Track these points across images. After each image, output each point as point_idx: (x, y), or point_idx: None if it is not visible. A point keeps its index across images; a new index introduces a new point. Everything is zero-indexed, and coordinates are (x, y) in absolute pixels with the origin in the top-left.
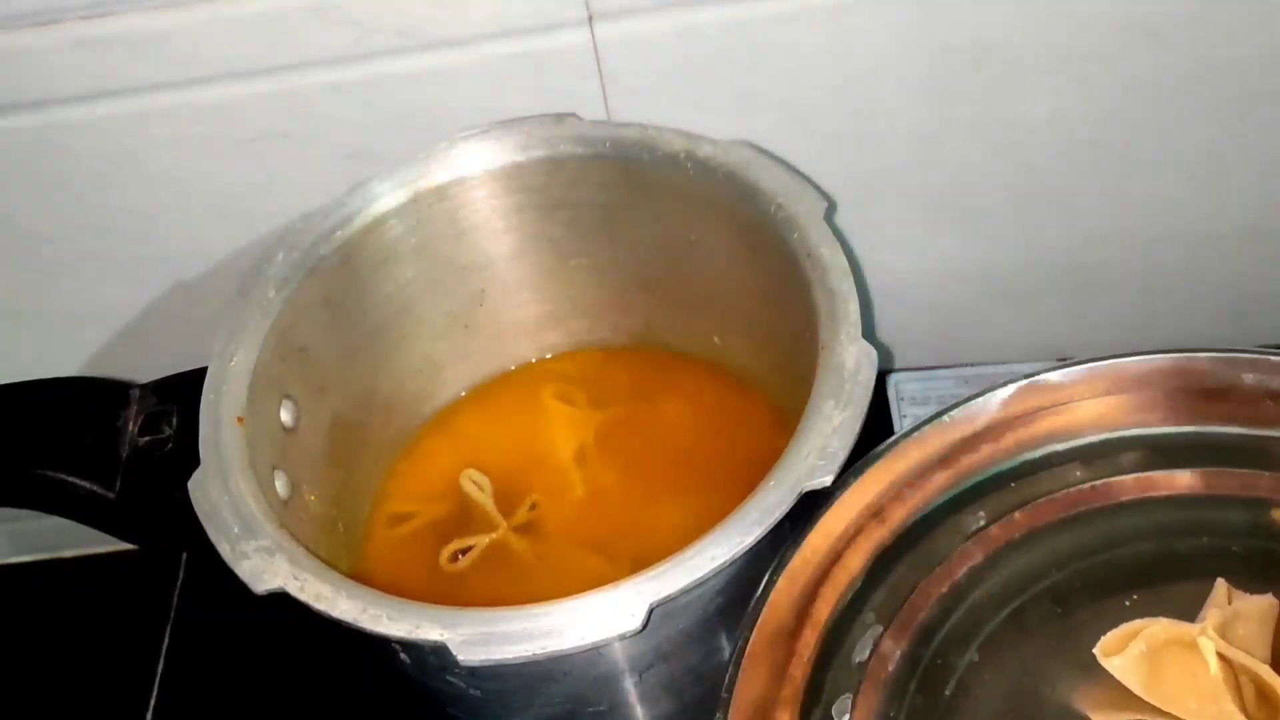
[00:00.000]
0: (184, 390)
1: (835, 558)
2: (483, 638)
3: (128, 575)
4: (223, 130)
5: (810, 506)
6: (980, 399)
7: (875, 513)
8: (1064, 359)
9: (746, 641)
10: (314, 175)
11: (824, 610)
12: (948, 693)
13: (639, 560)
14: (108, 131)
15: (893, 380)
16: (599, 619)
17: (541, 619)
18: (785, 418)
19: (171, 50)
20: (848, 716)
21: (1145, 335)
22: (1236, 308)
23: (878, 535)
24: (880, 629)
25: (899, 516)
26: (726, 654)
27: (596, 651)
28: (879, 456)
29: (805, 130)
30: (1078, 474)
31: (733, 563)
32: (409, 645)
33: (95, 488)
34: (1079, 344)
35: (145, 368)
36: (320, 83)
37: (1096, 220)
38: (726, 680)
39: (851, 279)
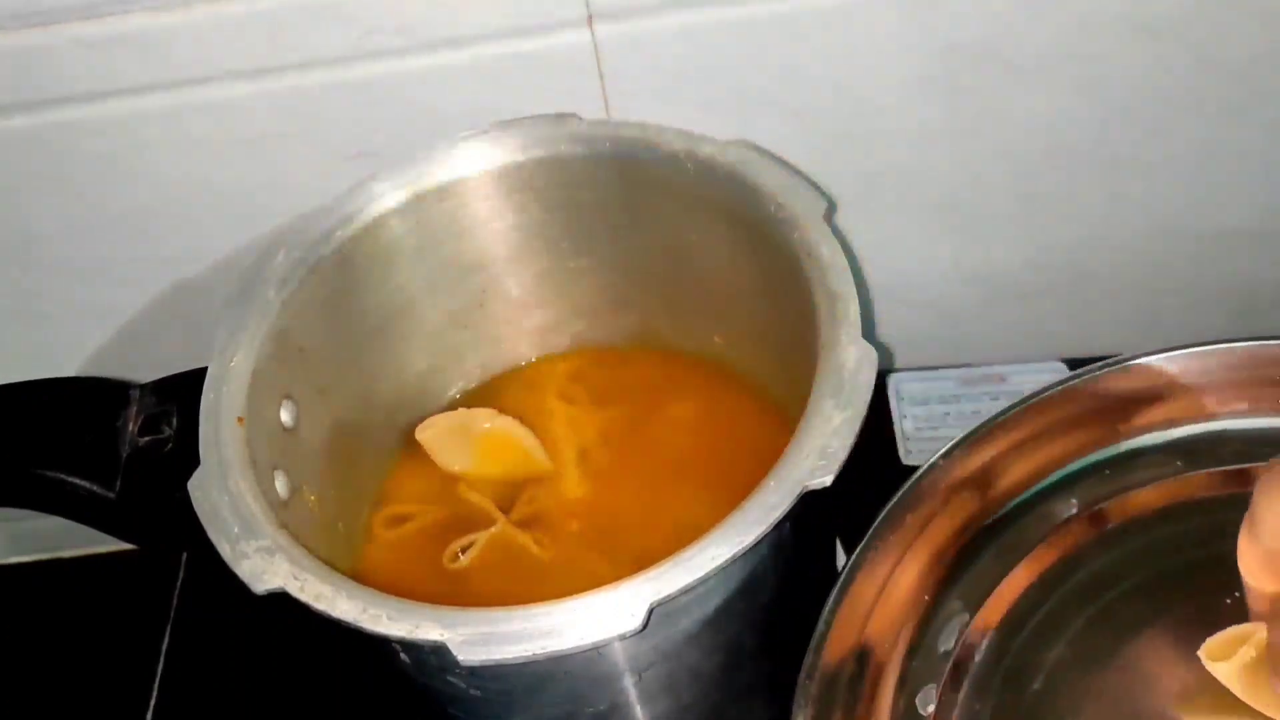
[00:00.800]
0: (184, 390)
1: (921, 542)
2: (483, 638)
3: (128, 575)
4: (223, 130)
5: (820, 506)
6: (1074, 382)
7: (965, 497)
8: (1067, 359)
9: (827, 624)
10: (314, 175)
11: (907, 597)
12: (1036, 688)
13: (639, 560)
14: (108, 131)
15: (893, 380)
16: (599, 619)
17: (541, 619)
18: (785, 418)
19: (171, 50)
20: (932, 707)
21: (1145, 335)
22: (1237, 308)
23: (966, 521)
24: (967, 617)
25: (990, 501)
26: (727, 654)
27: (596, 651)
28: (970, 440)
29: (805, 130)
30: (1177, 464)
31: (733, 562)
32: (409, 645)
33: (95, 488)
34: (1079, 344)
35: (145, 368)
36: (320, 83)
37: (1097, 220)
38: (807, 662)
39: (851, 279)
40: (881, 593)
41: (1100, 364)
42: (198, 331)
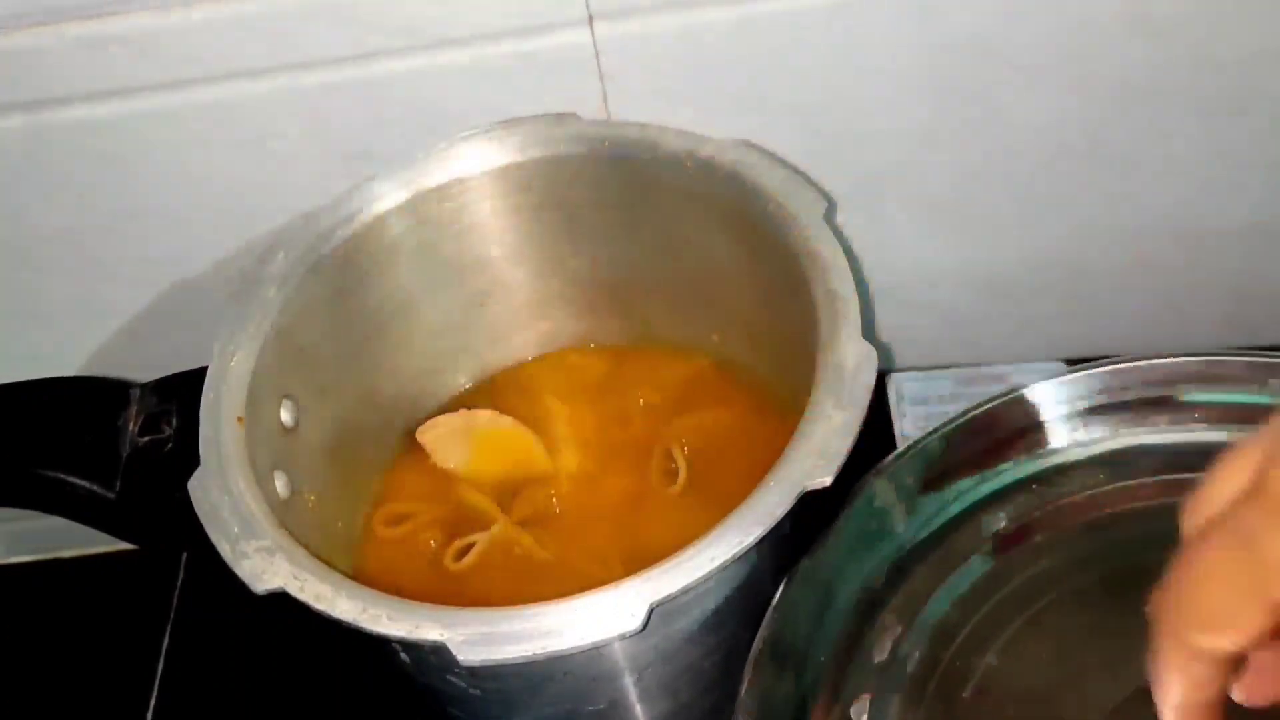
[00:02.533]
0: (184, 390)
1: (854, 557)
2: (483, 638)
3: (128, 575)
4: (223, 130)
5: (819, 506)
6: (1002, 401)
7: (895, 513)
8: (1067, 359)
9: (764, 640)
10: (314, 175)
11: (842, 610)
12: (966, 695)
13: (639, 559)
14: (108, 131)
15: (893, 380)
16: (599, 619)
17: (541, 619)
18: (785, 417)
19: (171, 50)
20: (865, 717)
21: (1145, 335)
22: (1236, 308)
23: (897, 535)
24: (900, 629)
25: (920, 516)
26: (726, 654)
27: (596, 651)
28: (902, 457)
29: (805, 130)
30: (1100, 476)
31: (733, 562)
32: (409, 645)
33: (95, 488)
34: (1079, 344)
35: (145, 368)
36: (320, 83)
37: (1096, 220)
38: (745, 679)
39: (851, 279)
40: (817, 607)
41: (1024, 384)
42: (198, 331)
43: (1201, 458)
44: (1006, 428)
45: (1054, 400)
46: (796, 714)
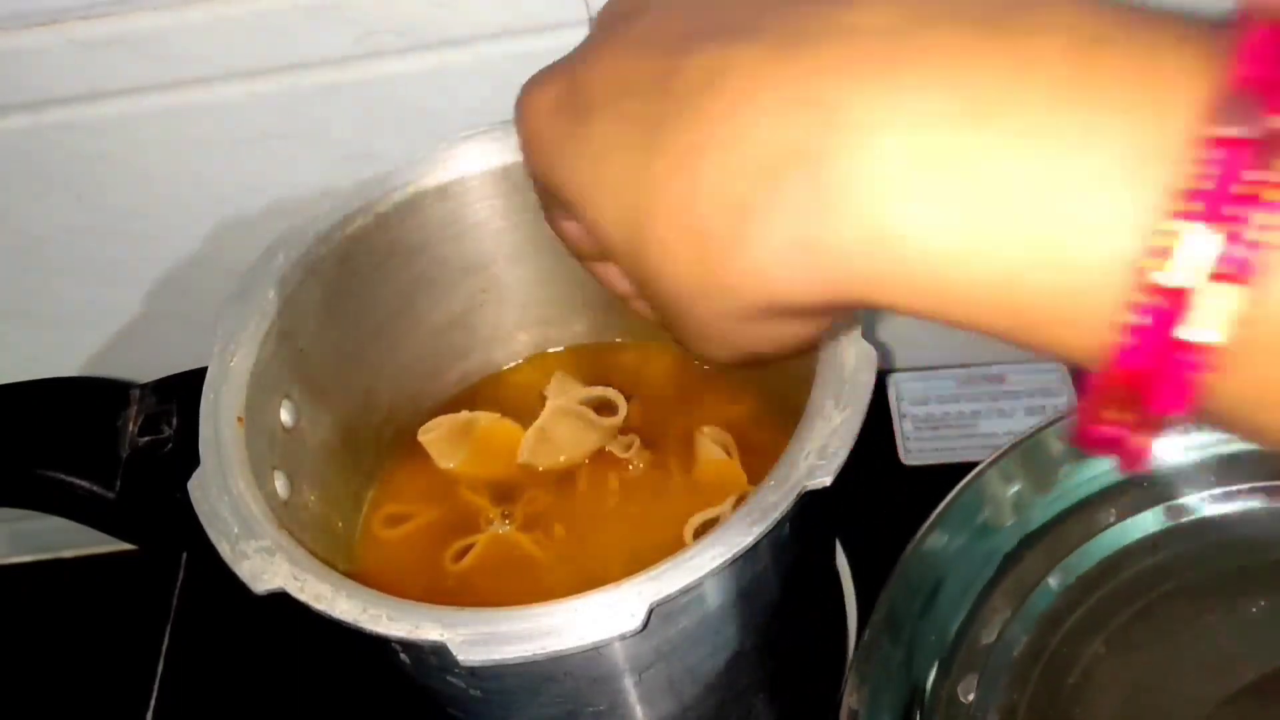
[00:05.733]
0: (184, 390)
1: (965, 545)
2: (483, 638)
3: (128, 575)
4: (223, 130)
5: (821, 505)
6: None
7: (1005, 505)
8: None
9: (879, 612)
10: (314, 175)
11: (952, 593)
12: (1071, 681)
13: (639, 560)
14: (108, 131)
15: (893, 380)
16: (599, 619)
17: (541, 619)
18: (785, 418)
19: (171, 50)
20: (973, 695)
21: None
22: None
23: (1007, 526)
24: (1008, 613)
25: (1032, 508)
26: (727, 654)
27: (596, 651)
28: (1018, 446)
29: None
30: (1211, 479)
31: (733, 562)
32: (409, 645)
33: (95, 488)
34: None
35: (145, 368)
36: (320, 83)
37: None
38: (865, 639)
39: None
40: (930, 588)
41: None
42: (198, 331)
43: None
44: None
45: None
46: (909, 689)
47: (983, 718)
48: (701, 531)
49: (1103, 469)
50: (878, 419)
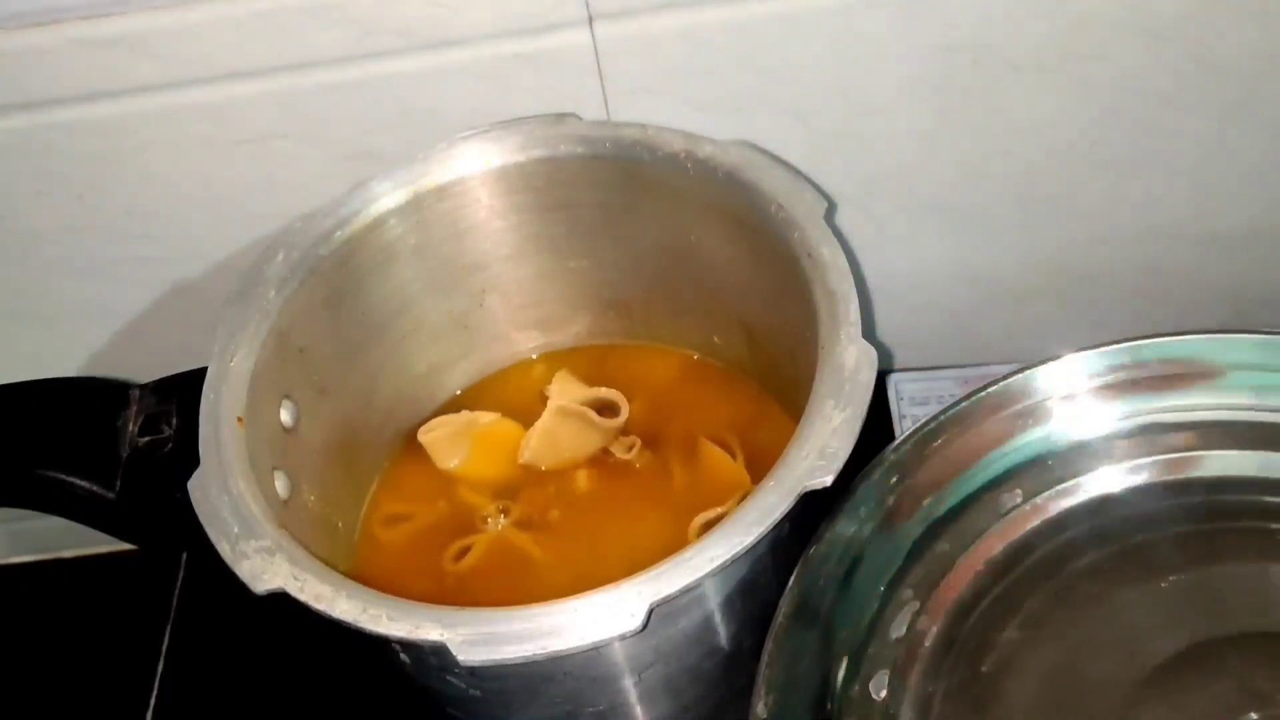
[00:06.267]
0: (184, 390)
1: (870, 535)
2: (483, 638)
3: (128, 575)
4: (223, 130)
5: (836, 489)
6: (1017, 378)
7: (912, 491)
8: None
9: (785, 617)
10: (314, 175)
11: (861, 587)
12: (985, 669)
13: (639, 560)
14: (108, 131)
15: (893, 380)
16: (599, 619)
17: (541, 619)
18: (785, 418)
19: (171, 50)
20: (885, 692)
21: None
22: (1235, 308)
23: (914, 513)
24: (918, 605)
25: (936, 495)
26: (727, 654)
27: (596, 651)
28: (916, 436)
29: (805, 130)
30: (1112, 453)
31: (732, 562)
32: (409, 645)
33: (95, 488)
34: (1079, 344)
35: (145, 368)
36: (320, 83)
37: (1096, 220)
38: (764, 656)
39: (851, 279)
40: (840, 579)
41: (1040, 361)
42: (198, 331)
43: (1219, 433)
44: (1018, 404)
45: (1070, 375)
46: (816, 687)
47: (896, 714)
48: (706, 530)
49: (1006, 451)
50: (878, 419)
